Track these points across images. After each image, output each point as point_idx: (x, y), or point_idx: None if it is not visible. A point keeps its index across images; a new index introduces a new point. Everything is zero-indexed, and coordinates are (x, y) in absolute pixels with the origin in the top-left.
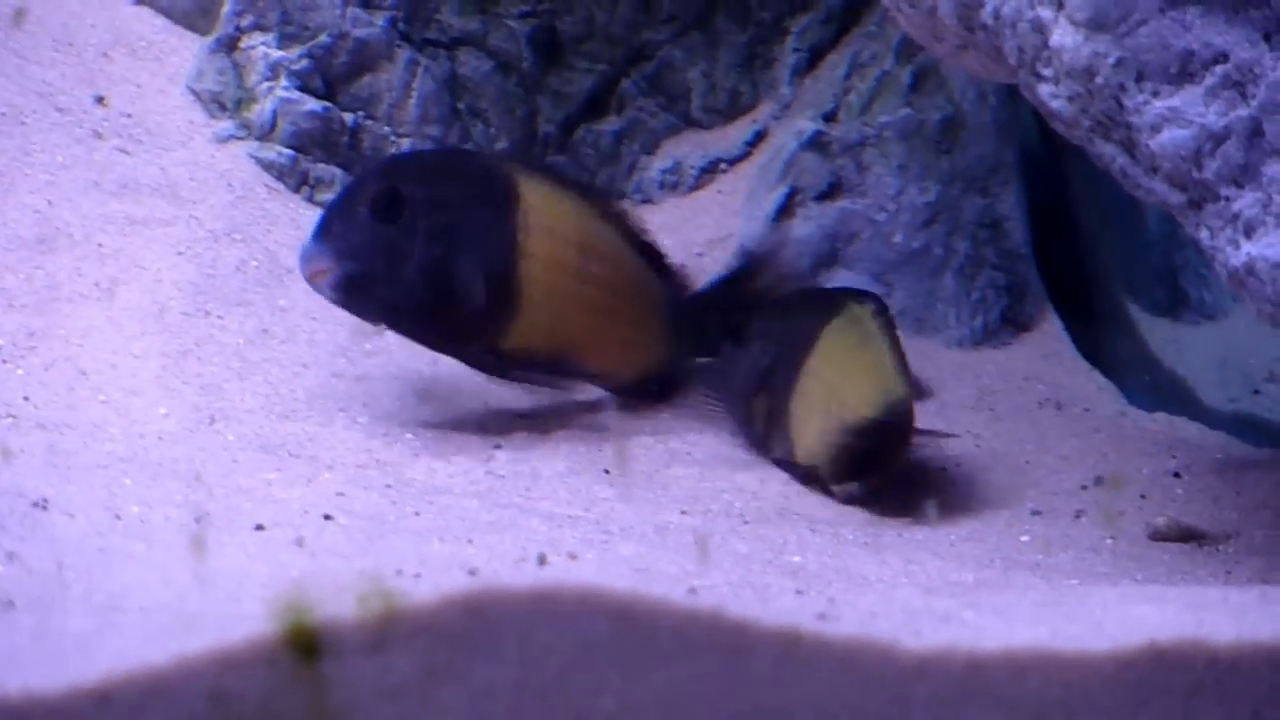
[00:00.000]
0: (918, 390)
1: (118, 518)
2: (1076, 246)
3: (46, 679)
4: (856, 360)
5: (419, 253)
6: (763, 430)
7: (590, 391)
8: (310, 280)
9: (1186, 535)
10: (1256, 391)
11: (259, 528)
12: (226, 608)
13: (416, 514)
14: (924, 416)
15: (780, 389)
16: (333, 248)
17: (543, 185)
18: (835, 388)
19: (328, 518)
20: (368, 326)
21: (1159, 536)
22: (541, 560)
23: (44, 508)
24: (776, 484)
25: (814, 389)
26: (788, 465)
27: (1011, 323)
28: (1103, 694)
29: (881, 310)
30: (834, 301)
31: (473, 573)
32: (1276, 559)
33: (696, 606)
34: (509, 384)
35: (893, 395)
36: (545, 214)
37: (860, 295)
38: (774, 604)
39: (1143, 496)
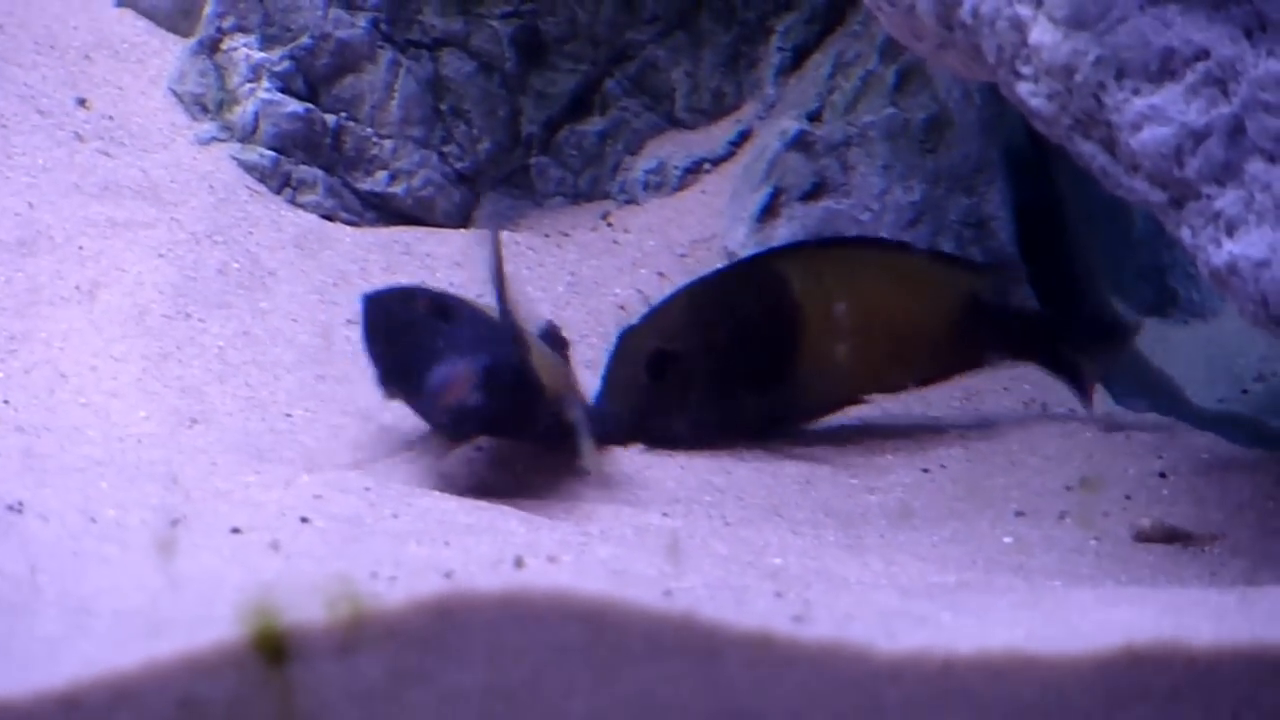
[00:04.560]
0: None
1: (93, 521)
2: (1063, 246)
3: (14, 683)
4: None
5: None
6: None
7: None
8: None
9: (1171, 536)
10: (1245, 391)
11: (235, 530)
12: (197, 611)
13: (394, 516)
14: (909, 417)
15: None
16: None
17: (809, 272)
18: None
19: (305, 520)
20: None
21: (1144, 537)
22: (518, 563)
23: (19, 511)
24: (760, 487)
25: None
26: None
27: None
28: (1079, 697)
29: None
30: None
31: (448, 575)
32: (1262, 560)
33: (669, 609)
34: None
35: None
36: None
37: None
38: (749, 606)
39: (1128, 497)
